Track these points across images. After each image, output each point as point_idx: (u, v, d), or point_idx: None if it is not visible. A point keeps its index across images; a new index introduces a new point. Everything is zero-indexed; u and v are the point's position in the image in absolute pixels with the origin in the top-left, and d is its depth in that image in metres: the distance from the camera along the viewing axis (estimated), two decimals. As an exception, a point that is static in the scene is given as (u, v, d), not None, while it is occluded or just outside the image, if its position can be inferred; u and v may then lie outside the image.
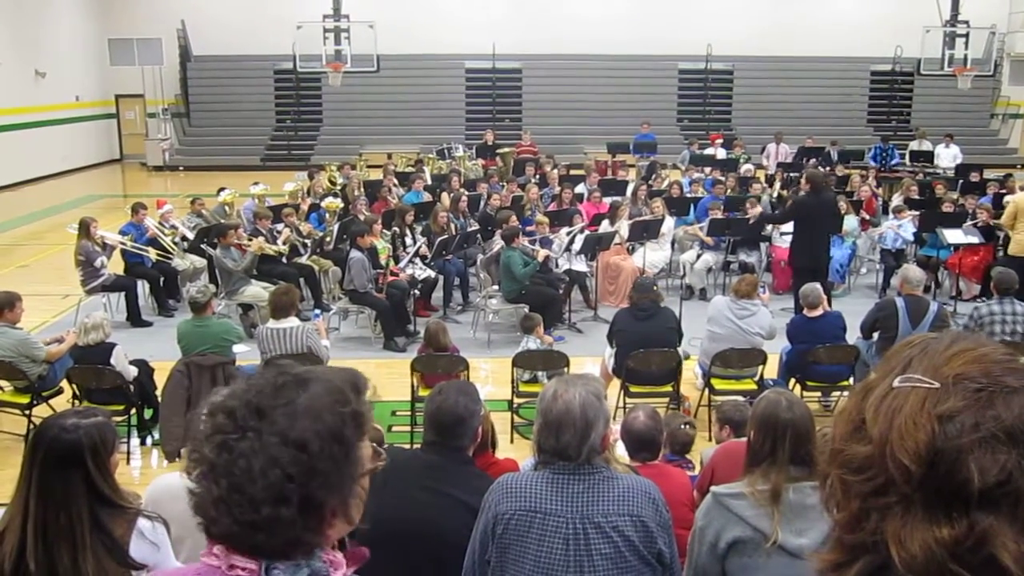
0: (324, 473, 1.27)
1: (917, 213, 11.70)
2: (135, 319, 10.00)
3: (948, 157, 18.80)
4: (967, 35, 21.63)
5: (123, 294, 10.09)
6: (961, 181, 15.18)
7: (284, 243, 10.31)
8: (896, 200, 13.49)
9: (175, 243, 10.85)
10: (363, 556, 1.43)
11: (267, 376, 1.33)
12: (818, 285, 7.63)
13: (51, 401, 6.92)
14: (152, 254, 10.42)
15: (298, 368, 1.36)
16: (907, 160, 19.07)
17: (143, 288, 10.45)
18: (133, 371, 6.86)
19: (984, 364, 1.01)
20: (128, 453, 6.80)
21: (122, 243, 10.17)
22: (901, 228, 11.46)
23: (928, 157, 18.83)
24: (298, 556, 1.29)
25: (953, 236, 10.52)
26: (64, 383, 6.96)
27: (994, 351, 1.03)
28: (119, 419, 6.82)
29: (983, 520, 0.93)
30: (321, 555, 1.32)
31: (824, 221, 9.53)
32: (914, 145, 19.76)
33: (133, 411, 6.90)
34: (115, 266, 10.32)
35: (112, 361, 6.64)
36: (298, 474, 1.25)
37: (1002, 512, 0.93)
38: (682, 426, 5.33)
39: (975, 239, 10.64)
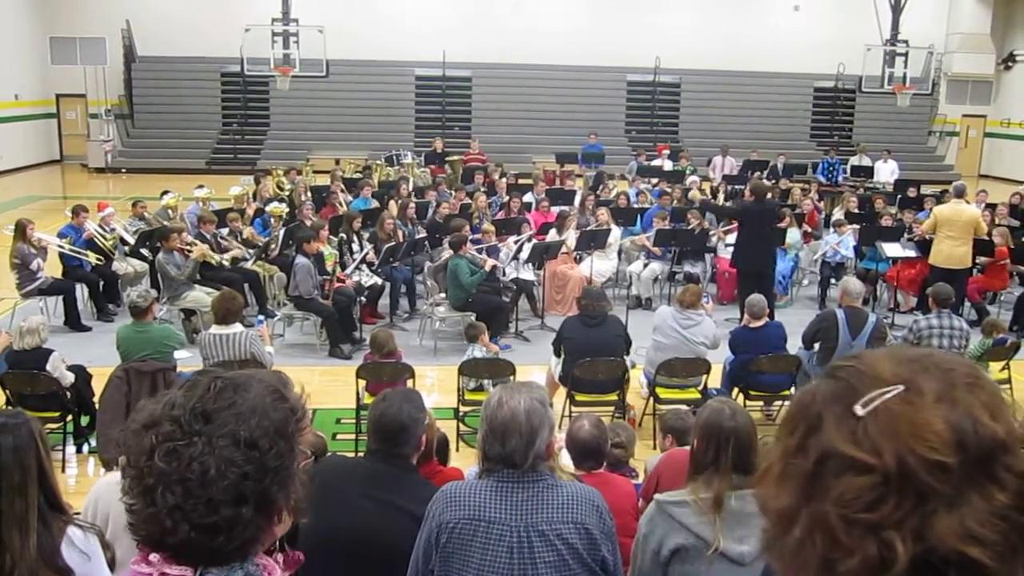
0: (275, 470, 1.29)
1: (857, 227, 11.96)
2: (74, 323, 9.77)
3: (886, 172, 19.23)
4: (906, 54, 22.26)
5: (61, 298, 9.86)
6: (899, 196, 15.55)
7: (228, 255, 10.17)
8: (837, 214, 13.76)
9: (115, 248, 10.62)
10: (298, 561, 1.43)
11: (203, 382, 1.35)
12: (763, 297, 7.74)
13: (-17, 406, 6.72)
14: (91, 257, 10.20)
15: (229, 372, 1.39)
16: (848, 174, 19.49)
17: (82, 292, 10.20)
18: (70, 377, 6.69)
19: (899, 353, 1.00)
20: (63, 460, 6.64)
21: (60, 247, 9.93)
22: (841, 243, 11.69)
23: (868, 172, 19.25)
24: (241, 557, 1.31)
25: (891, 250, 10.77)
26: (-3, 388, 6.77)
27: (888, 350, 1.02)
28: (54, 426, 6.65)
29: (1020, 460, 0.90)
30: (254, 559, 1.33)
31: (765, 229, 9.98)
32: (854, 160, 20.19)
33: (69, 418, 6.73)
34: (53, 269, 10.07)
35: (48, 367, 6.47)
36: (253, 472, 1.27)
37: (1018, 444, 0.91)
38: (613, 449, 4.78)
39: (912, 253, 10.93)
